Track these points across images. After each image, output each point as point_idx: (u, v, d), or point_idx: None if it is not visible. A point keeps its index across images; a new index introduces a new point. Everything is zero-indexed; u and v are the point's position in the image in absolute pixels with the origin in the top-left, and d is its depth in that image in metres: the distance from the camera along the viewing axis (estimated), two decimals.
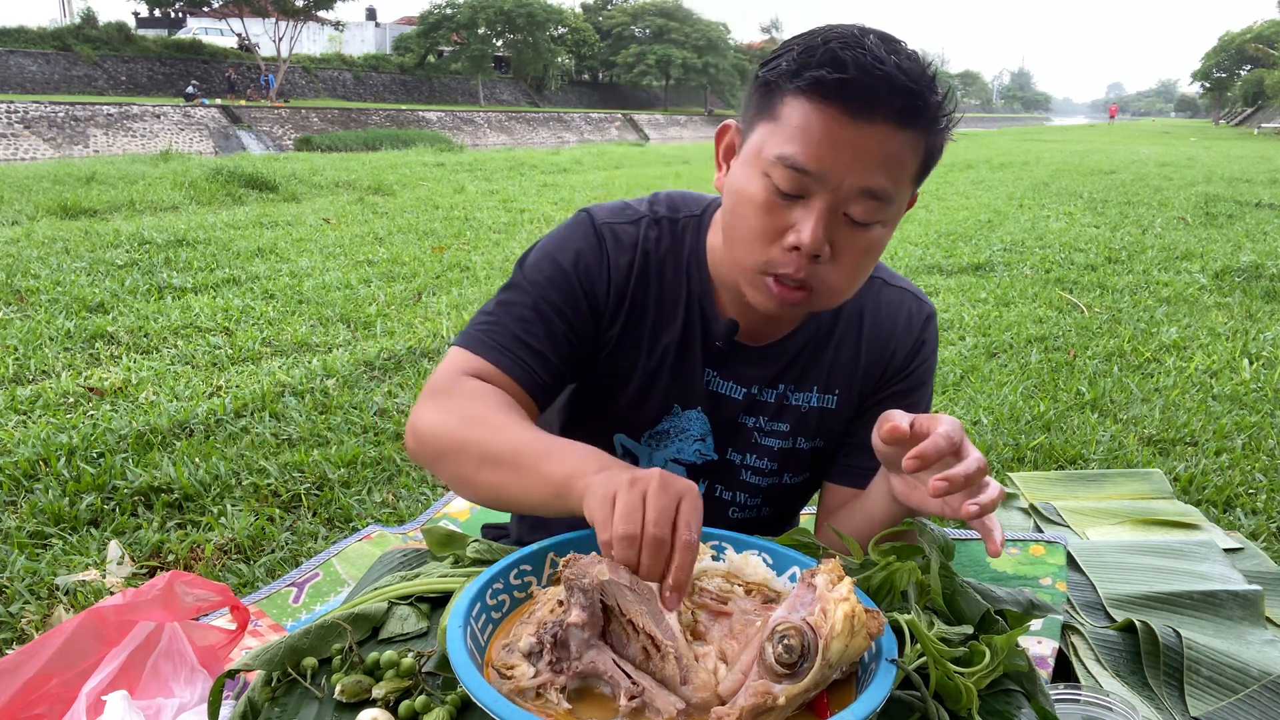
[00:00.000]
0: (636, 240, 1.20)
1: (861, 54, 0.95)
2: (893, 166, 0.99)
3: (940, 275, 6.07)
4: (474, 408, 1.06)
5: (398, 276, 5.66)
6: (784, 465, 1.27)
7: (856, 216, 1.01)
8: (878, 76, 0.95)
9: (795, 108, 0.99)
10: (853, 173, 0.98)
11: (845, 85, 0.95)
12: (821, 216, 0.99)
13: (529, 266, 1.19)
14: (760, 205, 1.02)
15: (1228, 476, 2.81)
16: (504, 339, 1.14)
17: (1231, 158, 18.77)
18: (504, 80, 58.57)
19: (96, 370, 3.63)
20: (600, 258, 1.18)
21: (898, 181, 1.01)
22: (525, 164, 14.89)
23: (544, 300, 1.15)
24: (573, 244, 1.19)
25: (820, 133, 0.97)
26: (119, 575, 2.14)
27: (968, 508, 0.87)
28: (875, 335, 1.24)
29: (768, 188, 1.01)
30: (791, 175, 0.99)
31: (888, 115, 0.96)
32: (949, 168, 15.51)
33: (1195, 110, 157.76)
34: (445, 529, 1.05)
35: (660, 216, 1.22)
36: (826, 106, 0.97)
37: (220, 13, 45.20)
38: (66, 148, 25.23)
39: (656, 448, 1.26)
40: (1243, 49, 66.64)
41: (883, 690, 0.72)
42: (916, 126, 0.99)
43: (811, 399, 1.24)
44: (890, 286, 1.27)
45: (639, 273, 1.19)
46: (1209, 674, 1.58)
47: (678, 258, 1.20)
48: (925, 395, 1.28)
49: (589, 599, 0.78)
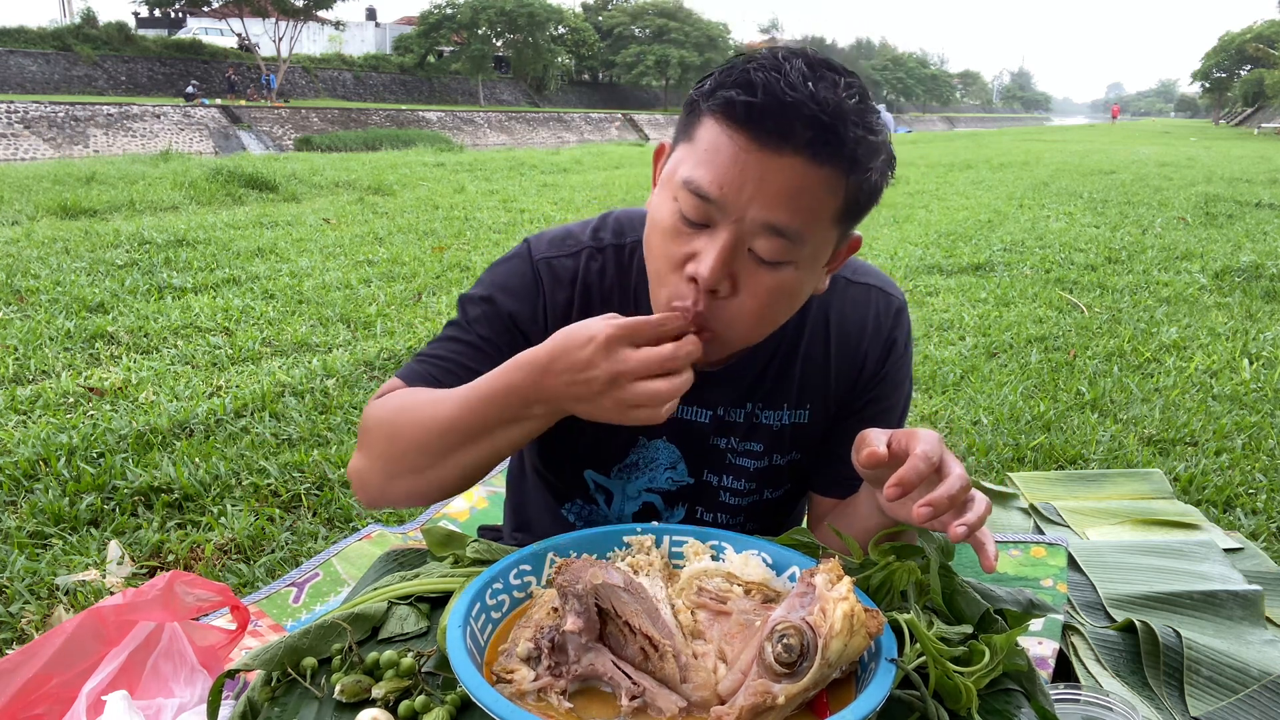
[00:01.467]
0: (576, 274, 1.15)
1: (775, 78, 0.88)
2: (802, 203, 0.91)
3: (940, 275, 6.07)
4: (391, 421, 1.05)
5: (398, 276, 5.66)
6: (762, 483, 1.24)
7: (762, 254, 0.93)
8: (787, 103, 0.87)
9: (707, 129, 0.93)
10: (756, 205, 0.91)
11: (752, 110, 0.89)
12: (723, 250, 0.92)
13: (469, 303, 1.16)
14: (667, 231, 0.97)
15: (1228, 476, 2.81)
16: (439, 372, 1.11)
17: (1231, 158, 18.77)
18: (504, 80, 58.58)
19: (96, 370, 3.63)
20: (536, 297, 1.14)
21: (810, 221, 0.93)
22: (525, 164, 14.89)
23: (481, 338, 1.13)
24: (508, 284, 1.15)
25: (726, 158, 0.91)
26: (119, 575, 2.14)
27: (954, 530, 0.84)
28: (843, 341, 1.18)
29: (674, 213, 0.96)
30: (695, 201, 0.93)
31: (799, 147, 0.89)
32: (949, 168, 15.51)
33: (1195, 110, 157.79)
34: (445, 529, 1.05)
35: (604, 244, 1.17)
36: (735, 131, 0.90)
37: (220, 13, 45.21)
38: (66, 148, 25.23)
39: (628, 480, 1.23)
40: (1243, 49, 66.64)
41: (882, 689, 0.72)
42: (832, 163, 0.90)
43: (783, 416, 1.19)
44: (854, 284, 1.19)
45: (580, 308, 1.14)
46: (1209, 674, 1.58)
47: (624, 285, 1.15)
48: (903, 395, 1.24)
49: (584, 604, 0.78)
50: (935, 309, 5.07)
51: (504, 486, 1.49)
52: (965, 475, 0.86)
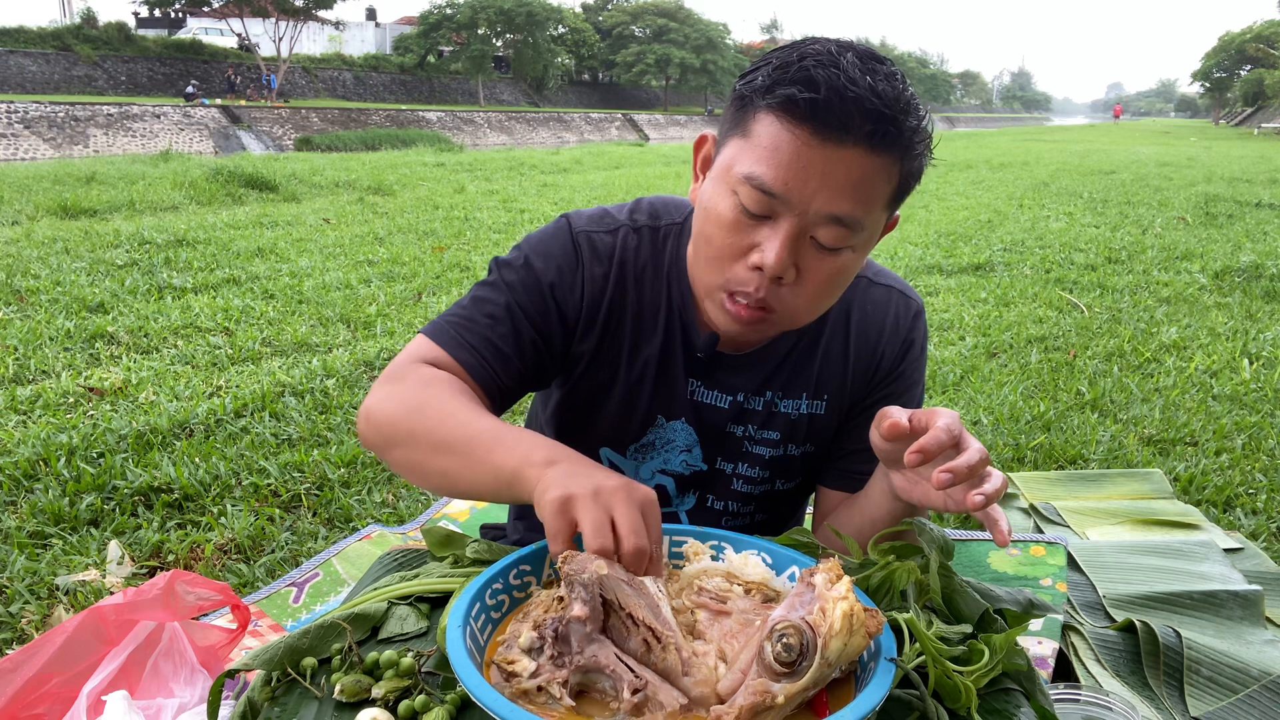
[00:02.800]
0: (614, 250, 1.17)
1: (835, 74, 0.91)
2: (864, 192, 0.95)
3: (940, 275, 6.07)
4: (427, 394, 1.04)
5: (398, 276, 5.66)
6: (775, 473, 1.25)
7: (824, 241, 0.98)
8: (849, 98, 0.91)
9: (766, 125, 0.95)
10: (821, 197, 0.94)
11: (816, 106, 0.91)
12: (787, 239, 0.96)
13: (505, 267, 1.17)
14: (727, 223, 0.99)
15: (1228, 476, 2.81)
16: (470, 335, 1.11)
17: (1231, 158, 18.77)
18: (504, 80, 58.58)
19: (96, 370, 3.63)
20: (575, 268, 1.16)
21: (869, 207, 0.97)
22: (525, 164, 14.89)
23: (516, 303, 1.13)
24: (549, 251, 1.16)
25: (789, 154, 0.93)
26: (119, 575, 2.14)
27: (973, 498, 0.86)
28: (863, 337, 1.21)
29: (735, 206, 0.98)
30: (758, 196, 0.96)
31: (859, 139, 0.92)
32: (949, 168, 15.52)
33: (1195, 110, 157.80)
34: (445, 529, 1.05)
35: (640, 225, 1.19)
36: (797, 127, 0.93)
37: (220, 13, 45.22)
38: (66, 148, 25.24)
39: (642, 460, 1.24)
40: (1243, 49, 66.65)
41: (882, 689, 0.72)
42: (890, 151, 0.95)
43: (800, 406, 1.22)
44: (876, 285, 1.23)
45: (615, 283, 1.16)
46: (1209, 674, 1.59)
47: (658, 267, 1.18)
48: (917, 395, 1.27)
49: (590, 593, 0.79)
50: (935, 309, 5.07)
51: None
52: (984, 449, 0.89)
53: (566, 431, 1.26)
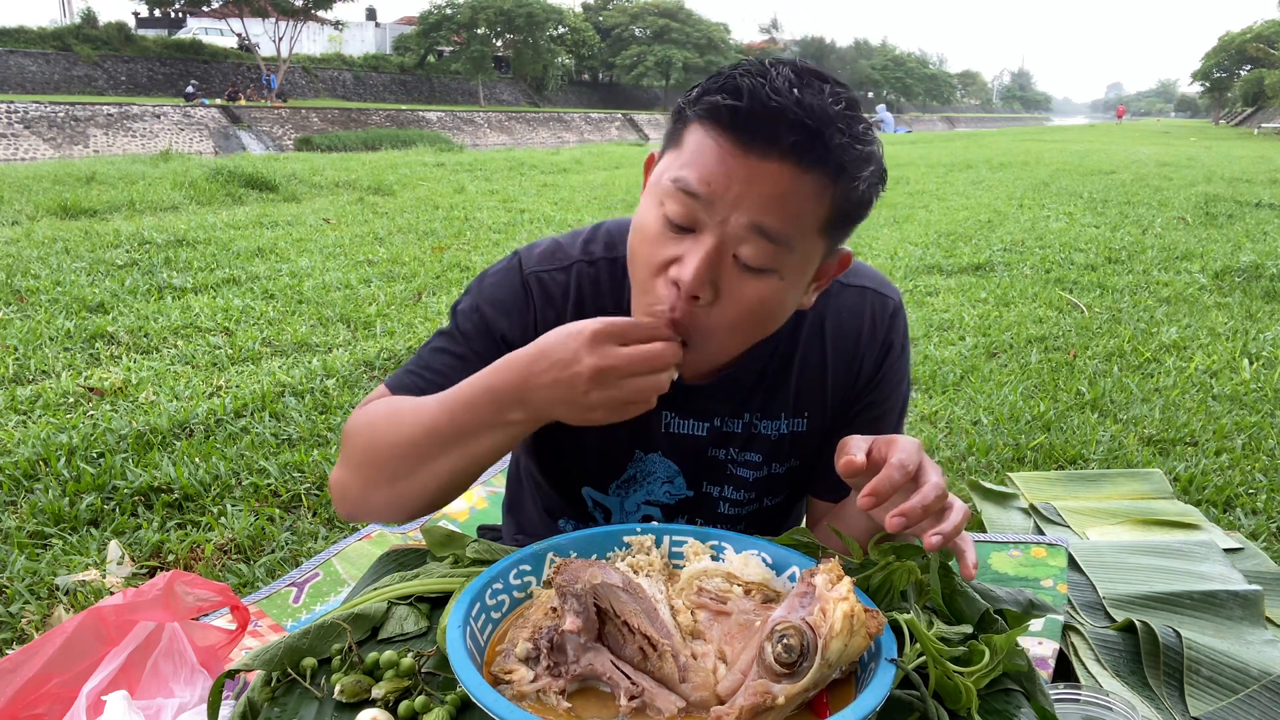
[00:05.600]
0: (567, 289, 1.13)
1: (761, 83, 0.89)
2: (789, 207, 0.91)
3: (940, 275, 6.07)
4: (367, 430, 1.05)
5: (398, 276, 5.66)
6: (761, 492, 1.23)
7: (747, 259, 0.93)
8: (771, 108, 0.88)
9: (694, 134, 0.94)
10: (742, 206, 0.91)
11: (736, 113, 0.89)
12: (708, 253, 0.92)
13: (460, 315, 1.15)
14: (652, 235, 0.96)
15: (1228, 476, 2.81)
16: (428, 384, 1.09)
17: (1231, 158, 18.77)
18: (504, 80, 58.59)
19: (96, 370, 3.63)
20: (527, 314, 1.13)
21: (795, 225, 0.92)
22: (525, 164, 14.88)
23: (473, 352, 1.11)
24: (498, 298, 1.14)
25: (712, 159, 0.91)
26: (119, 575, 2.14)
27: (929, 539, 0.84)
28: (839, 347, 1.17)
29: (659, 218, 0.96)
30: (681, 200, 0.93)
31: (784, 152, 0.89)
32: (949, 168, 15.51)
33: (1195, 110, 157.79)
34: (445, 529, 1.05)
35: (596, 257, 1.15)
36: (722, 135, 0.91)
37: (220, 13, 45.24)
38: (66, 148, 25.24)
39: (626, 495, 1.23)
40: (1243, 49, 66.63)
41: (882, 690, 0.72)
42: (818, 168, 0.90)
43: (780, 426, 1.19)
44: (849, 287, 1.18)
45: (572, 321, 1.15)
46: (1209, 674, 1.59)
47: (618, 300, 1.13)
48: (901, 398, 1.23)
49: (582, 604, 0.78)
50: (935, 309, 5.07)
51: (504, 488, 1.50)
52: (941, 484, 0.87)
53: (548, 472, 1.25)
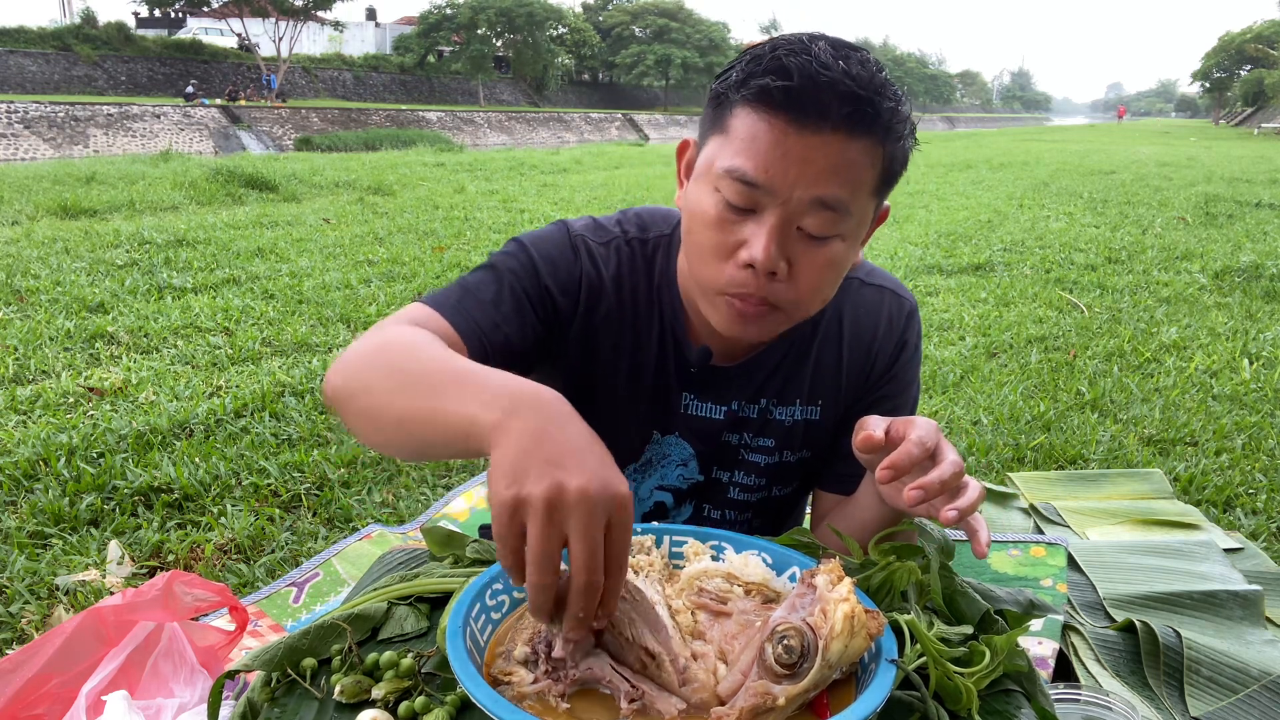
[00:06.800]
0: (609, 260, 1.16)
1: (808, 60, 0.91)
2: (846, 176, 0.94)
3: (940, 275, 6.07)
4: (394, 333, 0.97)
5: (398, 276, 5.66)
6: (772, 480, 1.25)
7: (811, 230, 0.96)
8: (823, 83, 0.91)
9: (743, 119, 0.95)
10: (803, 183, 0.93)
11: (790, 93, 0.91)
12: (774, 231, 0.95)
13: (503, 254, 1.15)
14: (712, 221, 0.98)
15: (1228, 476, 2.81)
16: (468, 305, 1.07)
17: (1231, 158, 18.77)
18: (504, 80, 58.58)
19: (96, 370, 3.63)
20: (575, 264, 1.14)
21: (853, 192, 0.96)
22: (525, 164, 14.89)
23: (516, 284, 1.10)
24: (548, 244, 1.15)
25: (767, 143, 0.93)
26: (119, 575, 2.14)
27: (945, 514, 0.85)
28: (856, 340, 1.20)
29: (719, 203, 0.97)
30: (740, 188, 0.95)
31: (836, 123, 0.92)
32: (949, 168, 15.51)
33: (1195, 110, 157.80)
34: (445, 529, 1.05)
35: (631, 238, 1.18)
36: (773, 116, 0.93)
37: (220, 13, 45.24)
38: (66, 148, 25.24)
39: (641, 480, 1.24)
40: (1243, 49, 66.64)
41: (882, 690, 0.72)
42: (869, 134, 0.94)
43: (795, 413, 1.21)
44: (868, 286, 1.22)
45: (611, 295, 1.15)
46: (1209, 674, 1.59)
47: (649, 281, 1.17)
48: (912, 395, 1.26)
49: None
50: (935, 309, 5.07)
51: None
52: (959, 461, 0.88)
53: None
